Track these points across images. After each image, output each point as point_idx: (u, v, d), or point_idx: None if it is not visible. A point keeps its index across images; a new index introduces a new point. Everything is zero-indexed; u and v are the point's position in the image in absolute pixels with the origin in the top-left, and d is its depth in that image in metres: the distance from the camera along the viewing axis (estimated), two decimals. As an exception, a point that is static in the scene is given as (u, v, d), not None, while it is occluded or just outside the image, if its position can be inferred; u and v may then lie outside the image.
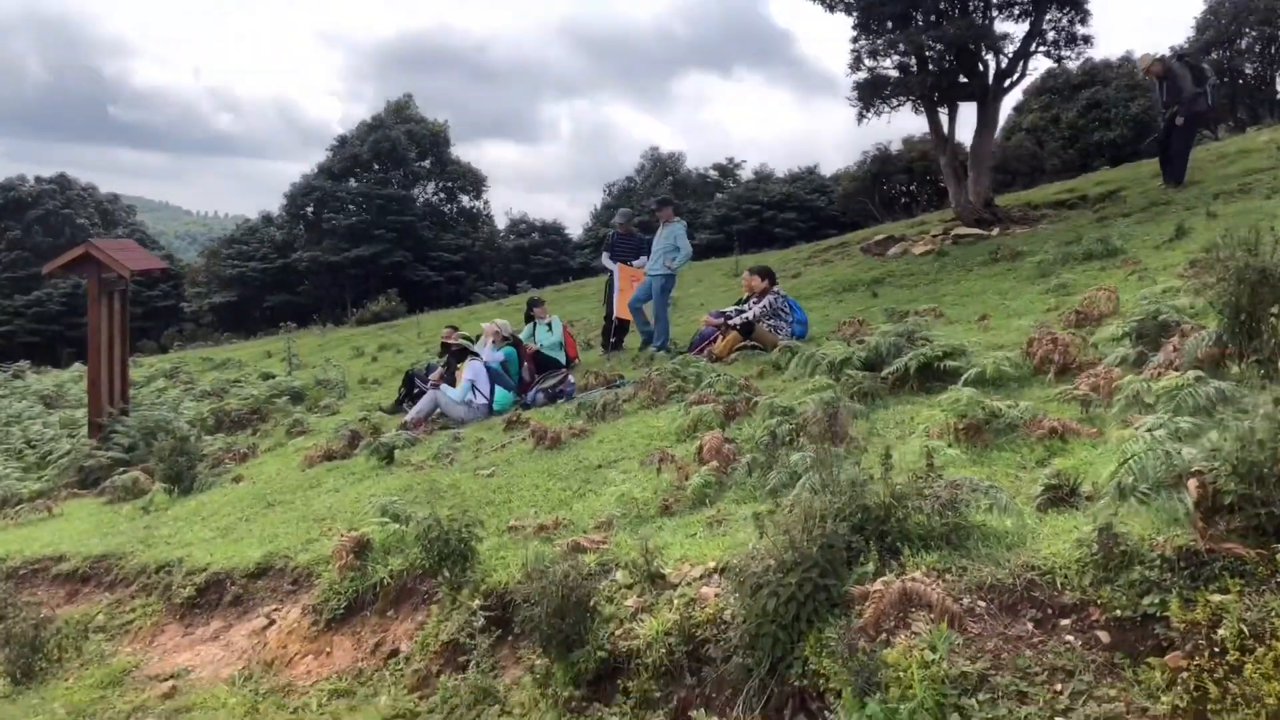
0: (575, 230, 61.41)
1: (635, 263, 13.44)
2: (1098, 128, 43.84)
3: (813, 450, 4.66)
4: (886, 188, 52.36)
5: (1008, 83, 16.21)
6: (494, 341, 11.28)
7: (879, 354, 7.15)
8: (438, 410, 10.50)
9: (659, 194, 15.69)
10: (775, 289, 11.09)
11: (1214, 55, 40.63)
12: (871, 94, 17.08)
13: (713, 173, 58.07)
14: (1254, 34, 41.53)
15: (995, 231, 15.74)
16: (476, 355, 11.00)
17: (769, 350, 10.42)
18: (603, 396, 8.65)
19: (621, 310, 13.25)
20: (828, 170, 55.25)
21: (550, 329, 12.95)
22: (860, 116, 17.49)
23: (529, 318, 13.23)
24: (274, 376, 19.37)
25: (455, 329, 12.27)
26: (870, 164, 49.36)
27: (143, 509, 9.03)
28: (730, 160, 58.50)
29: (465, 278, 55.11)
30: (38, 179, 56.65)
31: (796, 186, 51.26)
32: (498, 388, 10.37)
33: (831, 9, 16.50)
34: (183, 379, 20.98)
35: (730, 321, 10.86)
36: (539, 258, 56.64)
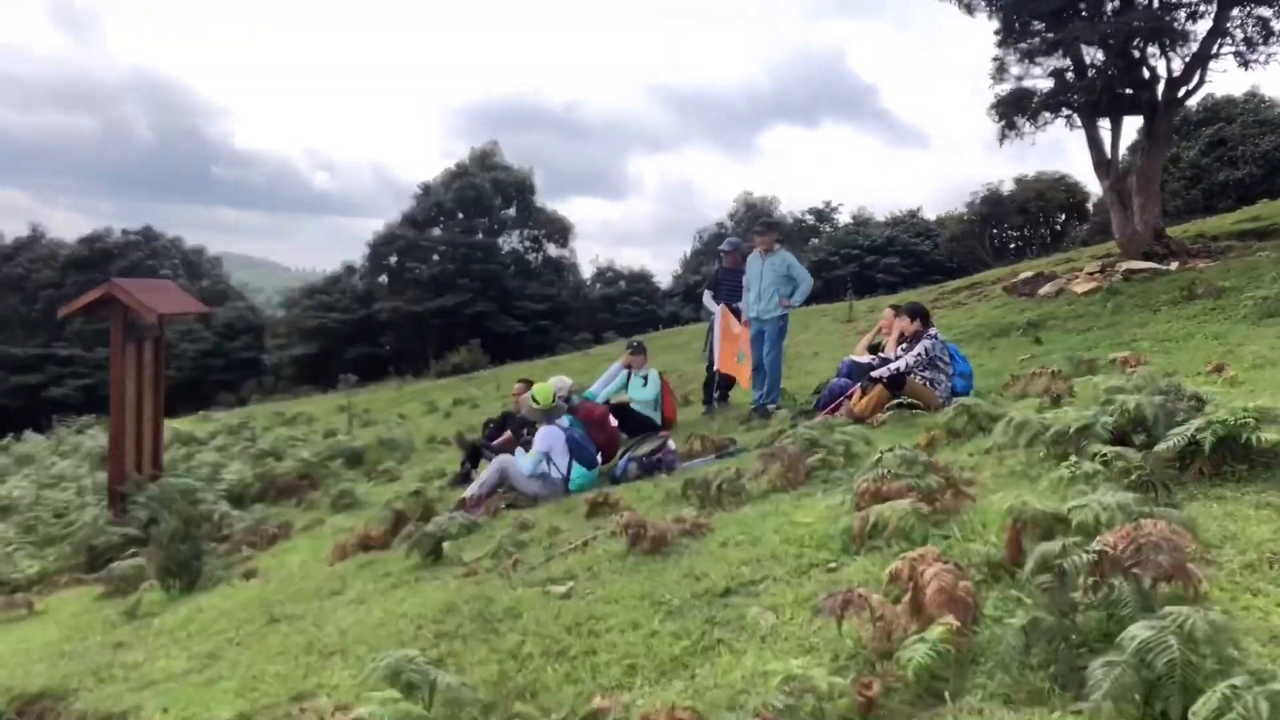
0: (664, 280, 59.71)
1: (740, 304, 11.35)
2: (1223, 166, 40.84)
3: (1159, 617, 2.47)
4: (997, 231, 49.58)
5: (1183, 91, 13.81)
6: (536, 409, 8.85)
7: (1138, 420, 4.87)
8: (506, 482, 8.45)
9: (762, 221, 13.32)
10: (931, 332, 8.85)
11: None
12: (1016, 109, 14.82)
13: (809, 217, 55.91)
14: None
15: (1174, 266, 13.24)
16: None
17: (927, 409, 8.19)
18: (718, 473, 6.49)
19: (725, 363, 11.12)
20: (930, 214, 52.60)
21: (646, 383, 10.86)
22: (1002, 136, 15.24)
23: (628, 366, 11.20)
24: (336, 434, 17.68)
25: (527, 384, 10.24)
26: (980, 205, 46.73)
27: (127, 613, 7.12)
28: (827, 204, 56.44)
29: (550, 328, 53.67)
30: (124, 231, 57.10)
31: (898, 230, 48.77)
32: (576, 463, 8.29)
33: (971, 10, 14.30)
34: (245, 436, 19.44)
35: (875, 373, 8.64)
36: (626, 307, 54.96)
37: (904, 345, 8.97)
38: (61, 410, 35.19)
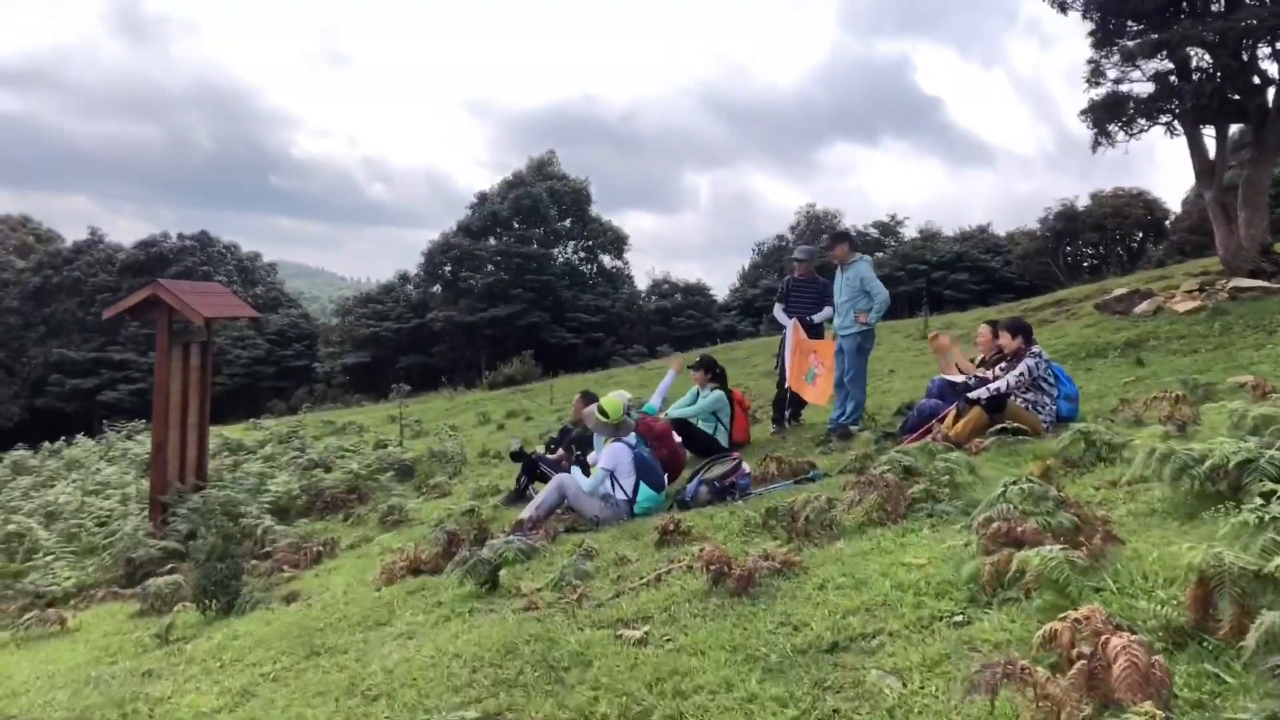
0: (719, 293, 59.07)
1: (817, 317, 10.74)
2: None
3: None
4: (1071, 248, 48.25)
5: (1297, 96, 12.96)
6: (605, 424, 8.20)
7: (1314, 456, 4.20)
8: (565, 502, 7.92)
9: (832, 233, 12.45)
10: (1035, 349, 8.20)
11: None
12: (1112, 114, 14.06)
13: (873, 231, 54.93)
14: None
15: (1286, 284, 12.39)
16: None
17: (1033, 434, 7.53)
18: (805, 502, 5.88)
19: (795, 381, 10.52)
20: (1000, 230, 51.41)
21: (705, 399, 10.36)
22: (1096, 143, 14.48)
23: (714, 376, 10.66)
24: (387, 445, 17.32)
25: (588, 397, 9.72)
26: (1053, 221, 45.49)
27: (160, 635, 6.69)
28: (893, 217, 55.42)
29: (603, 340, 53.29)
30: (180, 235, 57.73)
31: (967, 246, 47.67)
32: (642, 484, 7.73)
33: (1064, 9, 13.58)
34: (294, 445, 19.17)
35: (973, 394, 8.00)
36: (681, 320, 54.40)
37: (1003, 364, 8.31)
38: (115, 414, 35.45)
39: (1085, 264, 48.35)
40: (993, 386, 8.02)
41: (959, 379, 8.96)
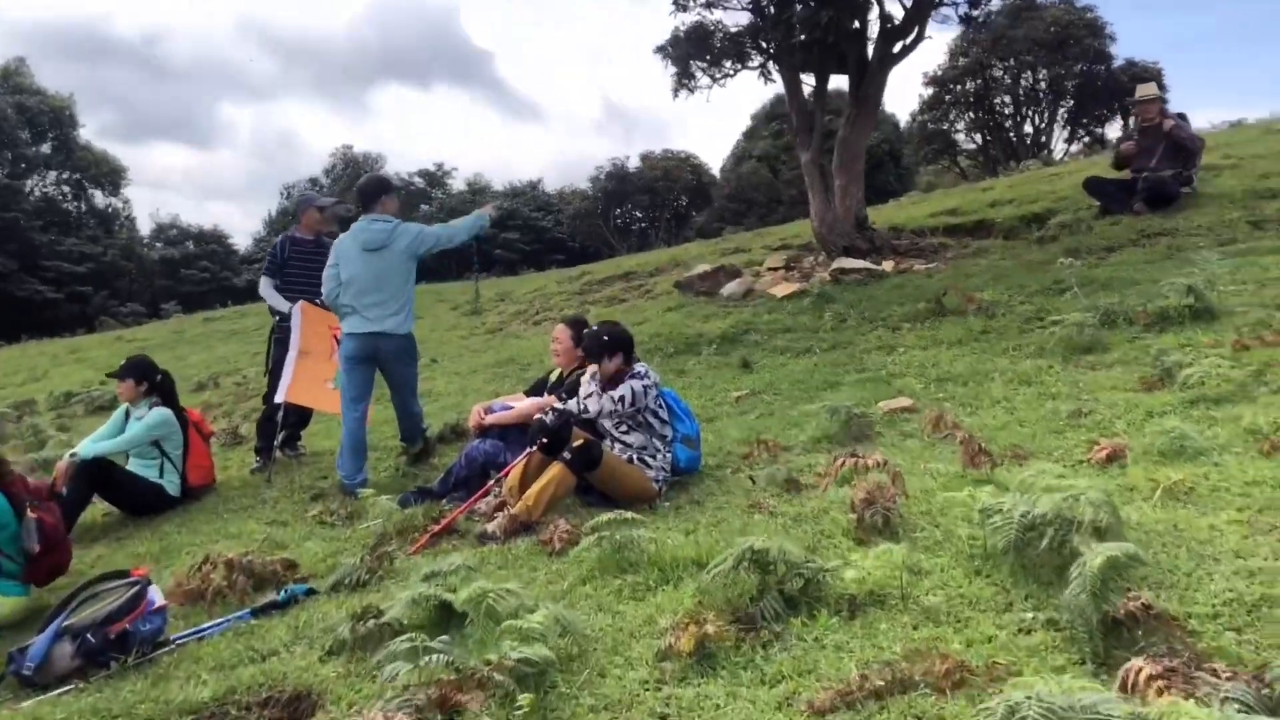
0: (242, 242, 53.01)
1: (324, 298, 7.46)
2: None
3: None
4: (621, 210, 48.23)
5: (899, 46, 11.60)
6: None
7: None
8: None
9: (372, 179, 8.71)
10: (641, 369, 5.53)
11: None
12: (699, 50, 12.01)
13: (418, 180, 51.65)
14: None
15: (888, 266, 11.01)
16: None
17: (639, 498, 4.92)
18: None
19: (300, 391, 7.32)
20: (551, 186, 50.43)
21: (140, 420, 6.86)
22: (679, 86, 12.38)
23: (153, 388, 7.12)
24: None
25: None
26: (604, 181, 45.08)
27: None
28: (439, 167, 52.41)
29: (92, 295, 45.52)
30: None
31: (518, 202, 45.98)
32: None
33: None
34: None
35: (546, 440, 5.24)
36: (193, 272, 47.98)
37: (593, 384, 5.58)
38: None
39: (635, 227, 48.71)
40: (573, 406, 5.28)
41: (532, 401, 6.13)
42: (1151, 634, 2.83)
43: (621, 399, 5.31)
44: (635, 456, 5.33)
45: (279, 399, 7.28)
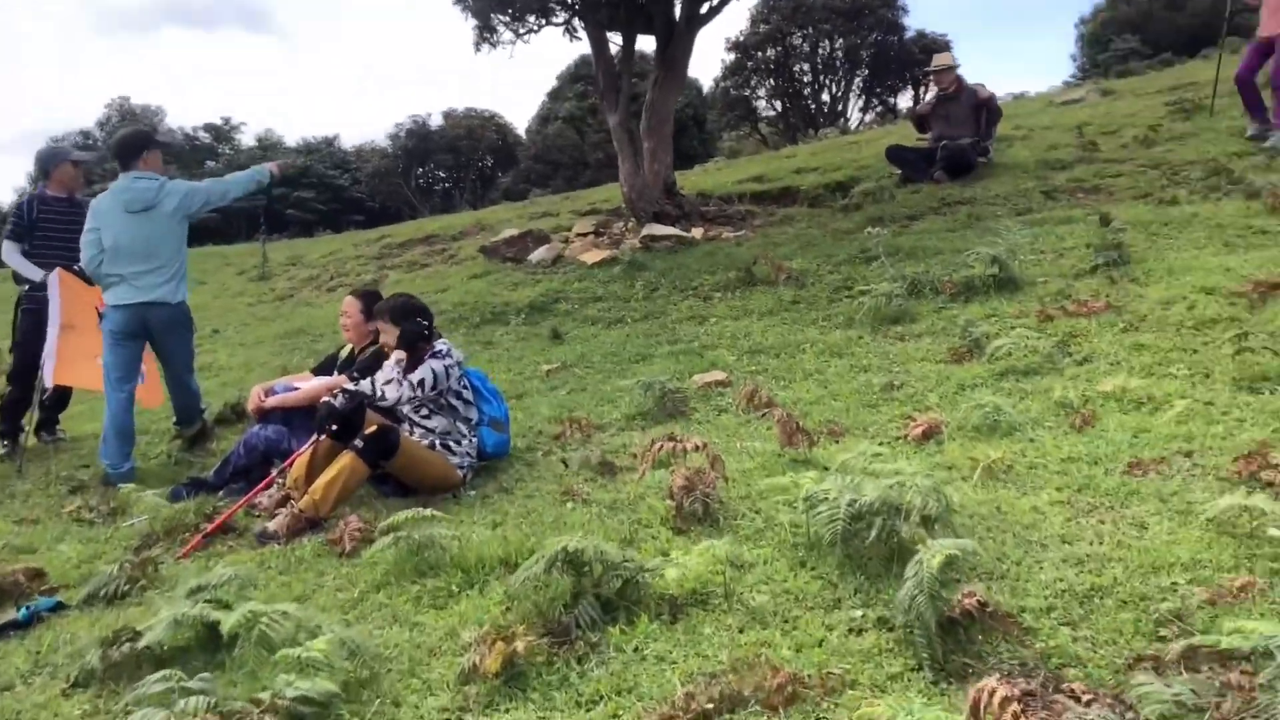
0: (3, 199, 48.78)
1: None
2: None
3: None
4: (423, 170, 46.84)
5: (705, 8, 11.44)
6: None
7: None
8: None
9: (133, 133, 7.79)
10: (442, 346, 5.13)
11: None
12: (499, 4, 11.54)
13: (204, 135, 48.71)
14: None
15: (698, 233, 10.89)
16: None
17: (442, 488, 4.56)
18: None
19: (69, 372, 6.58)
20: (349, 142, 48.53)
21: None
22: (480, 40, 11.89)
23: None
24: None
25: None
26: (405, 139, 43.65)
27: None
28: (227, 121, 49.50)
29: None
30: None
31: (313, 159, 43.97)
32: None
33: None
34: None
35: (336, 426, 4.79)
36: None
37: (393, 365, 5.14)
38: None
39: (438, 188, 47.46)
40: (365, 386, 4.84)
41: (315, 387, 5.64)
42: (988, 633, 2.70)
43: (422, 383, 4.90)
44: (437, 442, 4.95)
45: (48, 383, 6.50)
